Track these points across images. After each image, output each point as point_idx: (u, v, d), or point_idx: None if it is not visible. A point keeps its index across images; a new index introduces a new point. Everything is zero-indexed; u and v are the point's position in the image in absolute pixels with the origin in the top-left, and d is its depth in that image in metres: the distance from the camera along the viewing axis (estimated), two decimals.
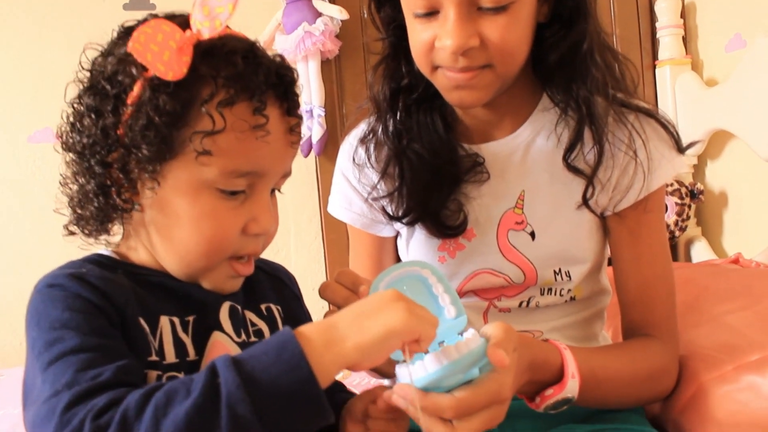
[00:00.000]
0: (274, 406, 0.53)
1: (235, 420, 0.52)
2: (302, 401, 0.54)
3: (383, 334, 0.58)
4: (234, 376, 0.53)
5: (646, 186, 0.93)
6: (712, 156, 2.14)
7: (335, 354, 0.56)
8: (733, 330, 1.00)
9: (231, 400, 0.52)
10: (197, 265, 0.68)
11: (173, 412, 0.52)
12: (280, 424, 0.53)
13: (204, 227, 0.66)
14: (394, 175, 0.97)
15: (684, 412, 0.93)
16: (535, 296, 0.97)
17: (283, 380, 0.53)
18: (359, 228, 1.04)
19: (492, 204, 0.96)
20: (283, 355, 0.54)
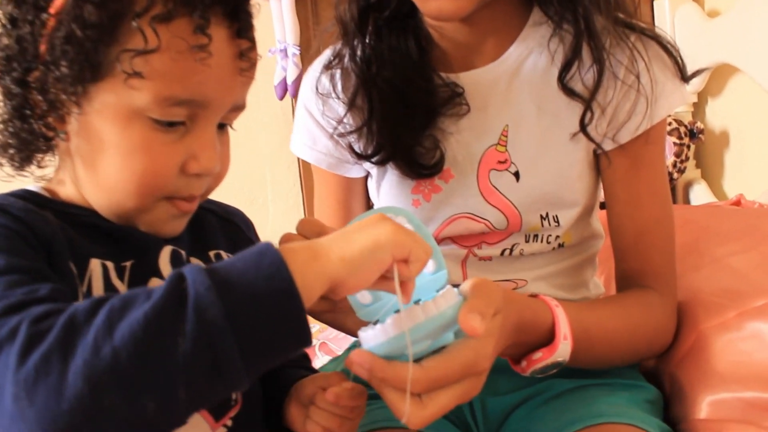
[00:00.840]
0: (249, 315, 0.46)
1: (202, 325, 0.45)
2: (280, 314, 0.47)
3: (371, 245, 0.52)
4: (204, 278, 0.46)
5: (649, 115, 0.84)
6: (713, 93, 2.07)
7: (319, 267, 0.50)
8: (736, 273, 0.94)
9: (199, 303, 0.45)
10: (127, 205, 0.61)
11: (131, 316, 0.45)
12: (253, 337, 0.46)
13: (134, 162, 0.59)
14: (363, 108, 0.88)
15: (681, 364, 0.86)
16: (519, 243, 0.90)
17: (261, 287, 0.47)
18: (325, 169, 0.96)
19: (472, 140, 0.88)
20: (262, 262, 0.48)
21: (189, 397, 0.45)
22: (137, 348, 0.44)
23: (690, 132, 1.98)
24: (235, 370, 0.45)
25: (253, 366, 0.47)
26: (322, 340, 1.38)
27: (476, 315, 0.56)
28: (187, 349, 0.44)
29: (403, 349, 0.55)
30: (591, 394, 0.83)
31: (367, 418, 0.81)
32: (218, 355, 0.45)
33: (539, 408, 0.84)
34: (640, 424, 0.76)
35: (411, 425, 0.57)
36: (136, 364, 0.44)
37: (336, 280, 0.51)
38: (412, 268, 0.54)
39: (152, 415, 0.44)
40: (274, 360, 0.49)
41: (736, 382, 0.79)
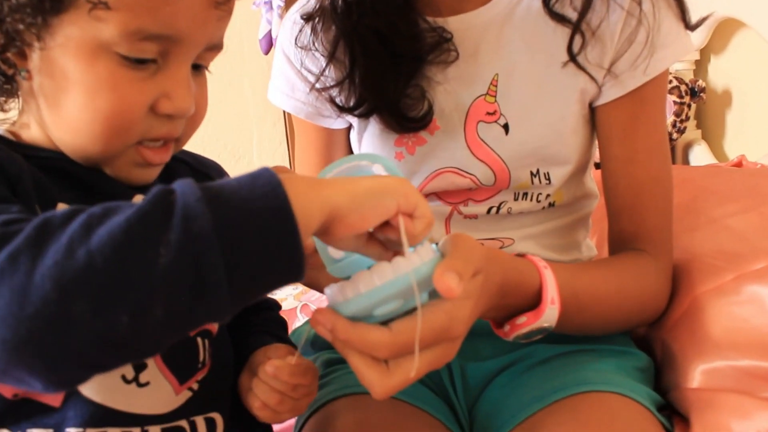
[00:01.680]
0: (240, 232, 0.42)
1: (188, 236, 0.41)
2: (273, 234, 0.43)
3: (378, 188, 0.49)
4: (195, 190, 0.43)
5: (649, 47, 0.78)
6: (715, 50, 2.02)
7: (320, 194, 0.47)
8: (734, 234, 0.89)
9: (187, 213, 0.42)
10: (94, 148, 0.57)
11: (111, 221, 0.41)
12: (242, 257, 0.42)
13: (100, 100, 0.55)
14: (344, 61, 0.83)
15: (674, 330, 0.82)
16: (507, 201, 0.85)
17: (254, 204, 0.43)
18: (304, 119, 0.91)
19: (460, 90, 0.83)
20: (256, 182, 0.44)
21: (166, 316, 0.41)
22: (115, 253, 0.40)
23: (691, 90, 1.93)
24: (218, 291, 0.41)
25: (239, 290, 0.42)
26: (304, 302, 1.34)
27: (453, 274, 0.51)
28: (169, 260, 0.40)
29: (370, 309, 0.51)
30: (577, 360, 0.79)
31: (336, 384, 0.78)
32: (202, 271, 0.41)
33: (522, 375, 0.80)
34: (629, 392, 0.73)
35: (376, 395, 0.52)
36: (112, 270, 0.40)
37: (337, 210, 0.47)
38: (417, 224, 0.50)
39: (124, 332, 0.40)
40: (262, 287, 0.45)
41: (732, 350, 0.75)
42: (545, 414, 0.71)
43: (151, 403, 0.58)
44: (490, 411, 0.78)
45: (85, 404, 0.55)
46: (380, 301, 0.50)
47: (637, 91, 0.80)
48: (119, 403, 0.56)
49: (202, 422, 0.61)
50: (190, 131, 0.63)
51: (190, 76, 0.59)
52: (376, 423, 0.71)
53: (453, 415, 0.79)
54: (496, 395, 0.79)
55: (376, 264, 0.51)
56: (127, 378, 0.57)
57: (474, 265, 0.56)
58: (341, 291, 0.51)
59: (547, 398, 0.72)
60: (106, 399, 0.56)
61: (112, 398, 0.56)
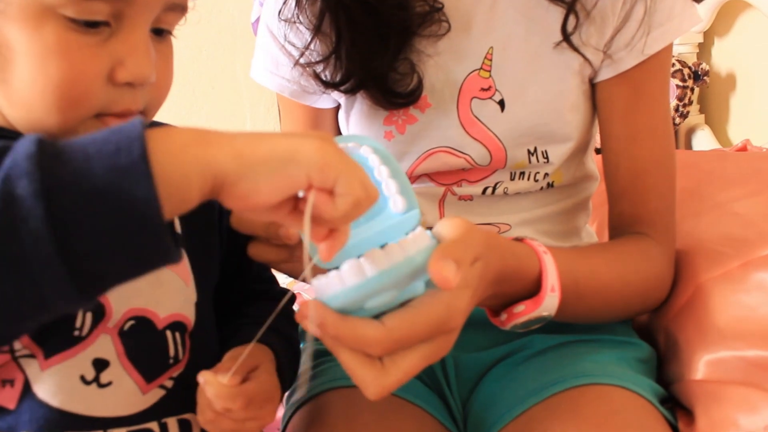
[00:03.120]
0: (73, 199, 0.36)
1: (7, 200, 0.35)
2: (120, 204, 0.36)
3: (283, 154, 0.41)
4: (30, 146, 0.36)
5: (646, 24, 0.76)
6: (719, 32, 2.00)
7: (201, 154, 0.39)
8: (740, 219, 0.87)
9: (11, 173, 0.35)
10: (49, 122, 0.52)
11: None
12: (77, 231, 0.36)
13: (49, 68, 0.50)
14: (330, 34, 0.79)
15: (678, 319, 0.80)
16: (504, 181, 0.82)
17: (100, 163, 0.36)
18: (289, 97, 0.87)
19: (452, 64, 0.80)
20: (113, 136, 0.37)
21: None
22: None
23: (694, 74, 1.91)
24: (50, 269, 0.35)
25: (81, 270, 0.36)
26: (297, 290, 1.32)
27: (450, 262, 0.48)
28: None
29: (362, 301, 0.47)
30: (576, 351, 0.77)
31: (325, 376, 0.76)
32: (25, 243, 0.35)
33: (518, 366, 0.78)
34: (630, 385, 0.70)
35: (371, 395, 0.49)
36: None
37: (221, 177, 0.40)
38: (339, 204, 0.42)
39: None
40: (116, 267, 0.38)
41: (738, 340, 0.73)
42: (542, 408, 0.69)
43: (114, 404, 0.54)
44: (485, 405, 0.76)
45: (41, 408, 0.52)
46: (372, 293, 0.47)
47: (639, 66, 0.77)
48: (78, 406, 0.53)
49: (174, 424, 0.57)
50: (156, 103, 0.58)
51: (147, 41, 0.54)
52: (365, 417, 0.69)
53: (446, 409, 0.77)
54: (492, 388, 0.77)
55: (368, 252, 0.47)
56: (87, 379, 0.53)
57: (473, 252, 0.53)
58: (330, 282, 0.48)
59: (545, 392, 0.70)
60: (63, 402, 0.52)
61: (71, 401, 0.53)
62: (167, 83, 0.58)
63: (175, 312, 0.59)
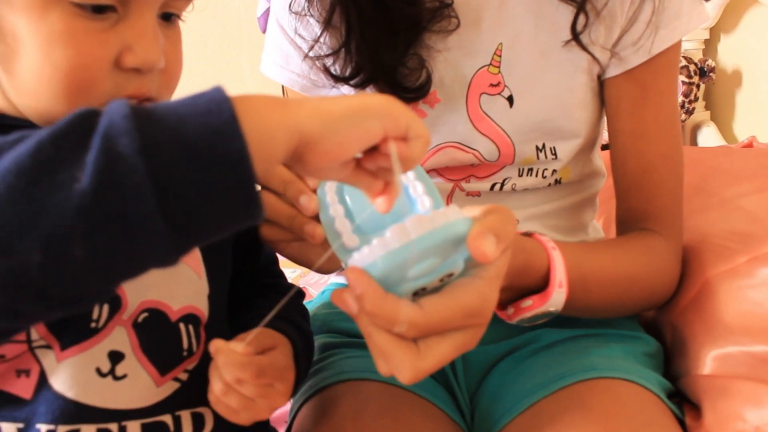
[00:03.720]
0: (172, 155, 0.36)
1: (109, 158, 0.35)
2: (216, 159, 0.37)
3: (357, 108, 0.43)
4: (124, 108, 0.37)
5: (654, 24, 0.75)
6: (726, 29, 1.99)
7: (284, 115, 0.41)
8: (747, 215, 0.87)
9: (109, 131, 0.36)
10: (58, 110, 0.51)
11: (22, 145, 0.36)
12: (177, 186, 0.36)
13: (56, 55, 0.49)
14: (340, 27, 0.79)
15: (685, 314, 0.80)
16: (512, 177, 0.83)
17: (192, 122, 0.37)
18: (299, 92, 0.87)
19: (462, 60, 0.80)
20: (199, 99, 0.38)
21: (87, 254, 0.35)
22: (20, 178, 0.34)
23: (700, 70, 1.91)
24: (150, 224, 0.35)
25: (178, 225, 0.36)
26: (303, 285, 1.32)
27: (491, 236, 0.47)
28: (86, 186, 0.34)
29: (405, 267, 0.46)
30: (583, 345, 0.77)
31: (333, 369, 0.76)
32: (128, 199, 0.35)
33: (526, 360, 0.78)
34: (637, 379, 0.70)
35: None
36: (16, 199, 0.34)
37: (306, 135, 0.41)
38: (414, 147, 0.45)
39: (36, 273, 0.35)
40: (208, 223, 0.38)
41: (745, 335, 0.72)
42: (550, 402, 0.69)
43: (129, 397, 0.54)
44: (492, 398, 0.76)
45: (57, 399, 0.52)
46: (416, 257, 0.46)
47: (647, 64, 0.77)
48: (93, 398, 0.53)
49: (188, 417, 0.57)
50: (166, 90, 0.57)
51: (155, 25, 0.53)
52: (373, 410, 0.69)
53: (454, 401, 0.77)
54: (499, 381, 0.77)
55: (410, 217, 0.46)
56: (102, 371, 0.53)
57: (508, 237, 0.51)
58: (372, 250, 0.46)
59: (552, 385, 0.70)
60: (78, 394, 0.52)
61: (86, 393, 0.52)
62: (177, 69, 0.57)
63: (188, 304, 0.58)
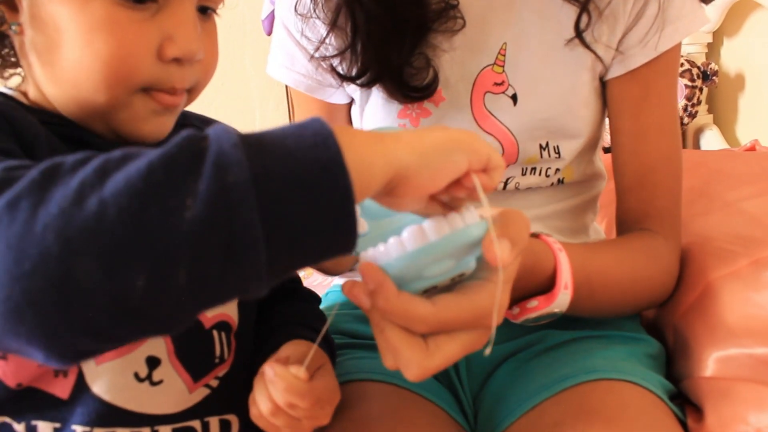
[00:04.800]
0: (282, 187, 0.36)
1: (221, 186, 0.35)
2: (322, 193, 0.37)
3: (447, 143, 0.44)
4: (231, 136, 0.37)
5: (659, 23, 0.76)
6: (729, 32, 1.98)
7: (383, 149, 0.41)
8: (750, 218, 0.87)
9: (221, 159, 0.36)
10: (97, 100, 0.52)
11: (131, 165, 0.36)
12: (284, 217, 0.36)
13: (98, 43, 0.50)
14: (346, 28, 0.80)
15: (687, 317, 0.79)
16: (515, 176, 0.83)
17: (301, 155, 0.37)
18: (304, 92, 0.88)
19: (467, 59, 0.80)
20: (304, 131, 0.38)
21: (190, 282, 0.35)
22: (132, 202, 0.34)
23: (703, 74, 1.90)
24: (254, 253, 0.36)
25: (278, 255, 0.37)
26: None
27: (505, 241, 0.47)
28: (197, 213, 0.34)
29: (421, 267, 0.47)
30: (586, 347, 0.77)
31: (336, 370, 0.74)
32: (236, 228, 0.35)
33: (529, 362, 0.78)
34: (639, 380, 0.70)
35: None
36: (127, 223, 0.34)
37: (405, 170, 0.42)
38: (495, 176, 0.46)
39: (139, 298, 0.34)
40: (306, 254, 0.38)
41: (747, 337, 0.72)
42: (552, 403, 0.69)
43: (162, 402, 0.55)
44: (495, 399, 0.76)
45: (95, 402, 0.52)
46: (432, 259, 0.46)
47: (649, 64, 0.78)
48: (130, 402, 0.53)
49: (216, 423, 0.57)
50: (203, 81, 0.58)
51: (195, 16, 0.54)
52: (378, 411, 0.69)
53: (457, 403, 0.77)
54: (502, 383, 0.77)
55: (427, 221, 0.47)
56: (140, 376, 0.54)
57: (523, 241, 0.52)
58: (388, 249, 0.47)
59: (555, 387, 0.70)
60: (116, 398, 0.53)
61: (123, 398, 0.53)
62: (213, 62, 0.58)
63: (221, 312, 0.58)
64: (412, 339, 0.48)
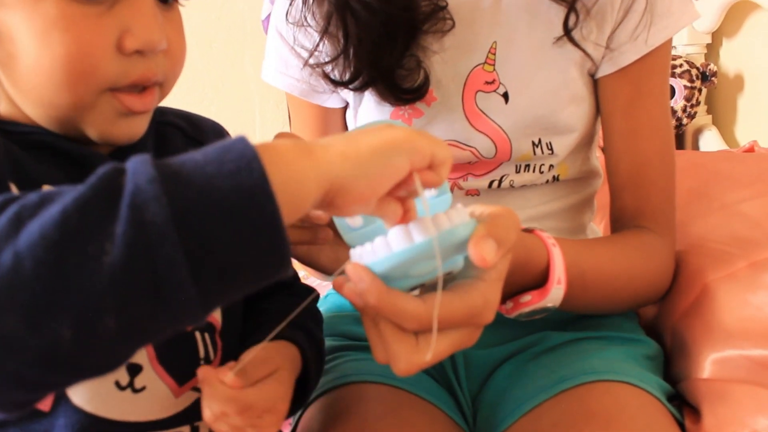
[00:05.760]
0: (203, 218, 0.35)
1: (139, 227, 0.34)
2: (247, 221, 0.36)
3: (383, 146, 0.42)
4: (149, 169, 0.35)
5: (647, 19, 0.76)
6: (728, 33, 1.97)
7: (313, 164, 0.40)
8: (747, 220, 0.87)
9: (137, 198, 0.34)
10: (61, 102, 0.50)
11: (45, 212, 0.34)
12: (209, 252, 0.35)
13: (54, 44, 0.48)
14: (338, 35, 0.80)
15: (685, 318, 0.79)
16: (509, 174, 0.83)
17: (222, 184, 0.35)
18: (298, 96, 0.88)
19: (457, 59, 0.81)
20: (226, 155, 0.36)
21: (120, 326, 0.34)
22: (48, 253, 0.33)
23: (702, 75, 1.88)
24: (183, 292, 0.34)
25: (209, 290, 0.35)
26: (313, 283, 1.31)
27: (491, 242, 0.47)
28: (117, 258, 0.33)
29: (407, 267, 0.47)
30: (584, 348, 0.77)
31: (335, 372, 0.76)
32: (159, 269, 0.34)
33: (528, 363, 0.78)
34: (637, 382, 0.70)
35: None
36: (45, 274, 0.33)
37: (337, 182, 0.40)
38: (442, 172, 0.46)
39: (67, 348, 0.33)
40: (238, 285, 0.37)
41: (744, 339, 0.72)
42: (551, 404, 0.69)
43: (148, 409, 0.53)
44: (494, 401, 0.76)
45: (76, 413, 0.51)
46: (418, 259, 0.47)
47: (639, 62, 0.78)
48: (113, 411, 0.52)
49: (206, 428, 0.56)
50: (172, 74, 0.56)
51: (153, 6, 0.52)
52: (377, 413, 0.69)
53: (456, 404, 0.77)
54: (501, 384, 0.77)
55: (416, 219, 0.47)
56: (121, 384, 0.52)
57: (511, 239, 0.52)
58: (375, 249, 0.47)
59: (554, 388, 0.70)
60: (98, 408, 0.51)
61: (105, 407, 0.51)
62: (181, 52, 0.56)
63: None
64: (402, 334, 0.49)
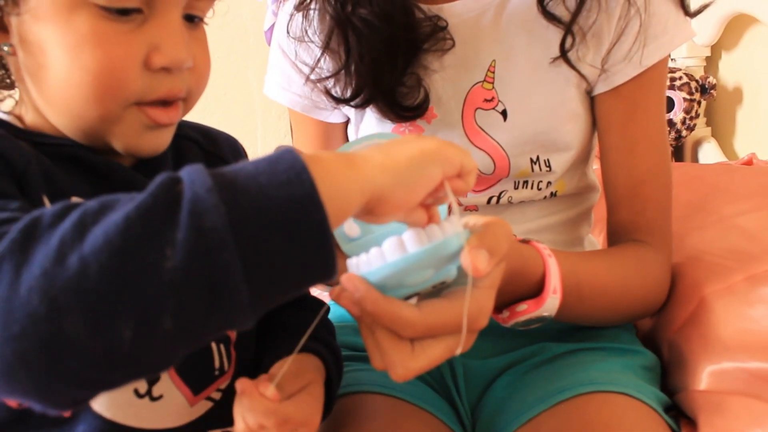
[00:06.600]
0: (258, 226, 0.37)
1: (199, 234, 0.36)
2: (299, 229, 0.38)
3: (419, 157, 0.45)
4: (205, 178, 0.37)
5: (641, 41, 0.77)
6: (727, 46, 1.98)
7: (356, 175, 0.42)
8: (745, 233, 0.87)
9: (197, 207, 0.36)
10: (89, 115, 0.52)
11: (108, 219, 0.36)
12: (263, 254, 0.37)
13: (84, 57, 0.49)
14: (339, 51, 0.81)
15: (682, 331, 0.80)
16: (508, 190, 0.84)
17: (275, 193, 0.37)
18: (300, 112, 0.89)
19: (457, 77, 0.82)
20: (277, 166, 0.39)
21: (176, 327, 0.36)
22: (112, 258, 0.35)
23: (701, 87, 1.89)
24: (236, 295, 0.36)
25: (260, 293, 0.37)
26: None
27: (484, 252, 0.49)
28: (177, 263, 0.35)
29: (401, 277, 0.48)
30: (582, 359, 0.78)
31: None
32: (216, 273, 0.36)
33: (526, 374, 0.78)
34: (634, 393, 0.71)
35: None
36: (109, 278, 0.34)
37: (378, 192, 0.43)
38: (469, 180, 0.48)
39: (127, 348, 0.35)
40: (288, 289, 0.39)
41: (741, 351, 0.73)
42: (549, 415, 0.69)
43: (164, 416, 0.54)
44: (493, 411, 0.76)
45: (96, 419, 0.52)
46: (412, 269, 0.48)
47: (634, 80, 0.79)
48: (130, 418, 0.53)
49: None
50: (197, 90, 0.57)
51: (181, 24, 0.54)
52: (376, 423, 0.70)
53: (455, 414, 0.78)
54: (500, 395, 0.78)
55: (409, 230, 0.48)
56: (140, 392, 0.53)
57: (503, 248, 0.53)
58: (370, 259, 0.48)
59: (552, 399, 0.71)
60: (116, 415, 0.52)
61: (123, 414, 0.53)
62: (206, 69, 0.58)
63: None
64: (398, 341, 0.50)
